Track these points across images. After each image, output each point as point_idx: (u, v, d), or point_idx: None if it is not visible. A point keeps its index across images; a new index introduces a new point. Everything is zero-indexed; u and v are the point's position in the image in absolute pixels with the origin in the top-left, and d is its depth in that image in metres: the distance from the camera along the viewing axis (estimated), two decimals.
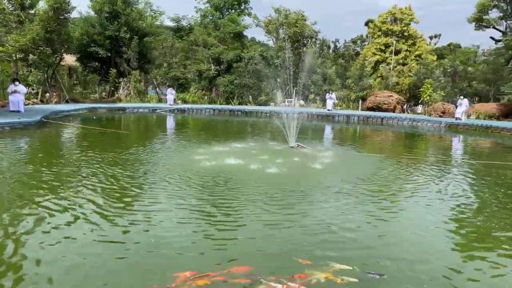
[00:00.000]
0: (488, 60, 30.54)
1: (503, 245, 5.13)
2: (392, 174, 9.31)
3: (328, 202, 6.72)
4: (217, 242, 4.87)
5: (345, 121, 25.50)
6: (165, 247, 4.64)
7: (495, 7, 28.22)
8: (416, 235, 5.38)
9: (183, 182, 7.62)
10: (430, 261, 4.52)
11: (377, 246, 4.94)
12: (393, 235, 5.39)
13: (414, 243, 5.10)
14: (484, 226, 5.90)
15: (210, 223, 5.51)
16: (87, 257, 4.28)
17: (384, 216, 6.17)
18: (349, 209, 6.38)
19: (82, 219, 5.44)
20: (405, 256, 4.64)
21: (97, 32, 28.75)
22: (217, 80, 32.01)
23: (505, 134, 19.59)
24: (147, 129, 19.32)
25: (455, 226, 5.88)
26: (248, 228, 5.44)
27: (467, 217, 6.31)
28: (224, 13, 43.89)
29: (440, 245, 5.05)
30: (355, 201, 6.85)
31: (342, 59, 38.97)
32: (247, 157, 10.00)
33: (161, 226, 5.31)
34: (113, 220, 5.47)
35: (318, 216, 5.97)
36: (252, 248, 4.73)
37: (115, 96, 29.76)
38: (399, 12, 37.14)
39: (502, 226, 5.89)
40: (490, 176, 9.73)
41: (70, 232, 4.95)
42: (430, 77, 29.44)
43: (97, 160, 9.31)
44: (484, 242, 5.31)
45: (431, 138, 18.94)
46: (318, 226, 5.53)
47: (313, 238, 5.08)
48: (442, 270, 4.27)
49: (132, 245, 4.66)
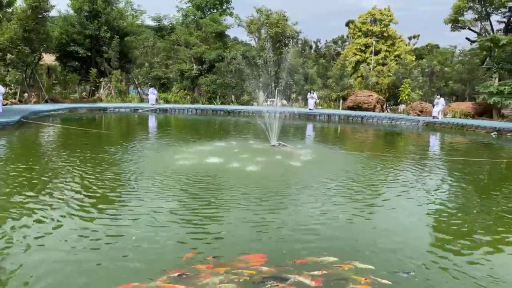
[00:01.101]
0: (463, 61, 31.45)
1: (478, 231, 5.45)
2: (372, 170, 9.61)
3: (308, 199, 6.93)
4: (199, 238, 5.02)
5: (326, 120, 25.88)
6: (148, 243, 4.76)
7: (470, 9, 29.07)
8: (400, 227, 5.70)
9: (164, 180, 7.71)
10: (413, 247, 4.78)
11: (359, 239, 5.17)
12: (375, 229, 5.64)
13: (398, 234, 5.39)
14: (460, 216, 6.22)
15: (190, 222, 5.63)
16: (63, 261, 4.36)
17: (366, 210, 6.45)
18: (327, 205, 6.61)
19: (57, 220, 5.50)
20: (390, 246, 4.89)
21: (76, 31, 28.36)
22: (199, 79, 31.98)
23: (480, 132, 20.28)
24: (128, 129, 19.23)
25: (435, 218, 6.18)
26: (232, 225, 5.60)
27: (445, 209, 6.63)
28: (206, 12, 43.84)
29: (422, 234, 5.33)
30: (333, 197, 7.08)
31: (324, 59, 39.41)
32: (229, 156, 10.15)
33: (141, 225, 5.40)
34: (92, 220, 5.54)
35: (301, 213, 6.17)
36: (236, 247, 4.90)
37: (96, 96, 29.43)
38: (378, 13, 37.82)
39: (476, 216, 6.22)
40: (465, 171, 10.15)
41: (43, 235, 4.98)
42: (409, 77, 30.12)
43: (77, 160, 9.30)
44: (461, 231, 5.62)
45: (409, 136, 19.46)
46: (301, 223, 5.73)
47: (296, 235, 5.27)
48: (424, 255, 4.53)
49: (106, 245, 4.76)
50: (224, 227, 5.44)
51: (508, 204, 7.04)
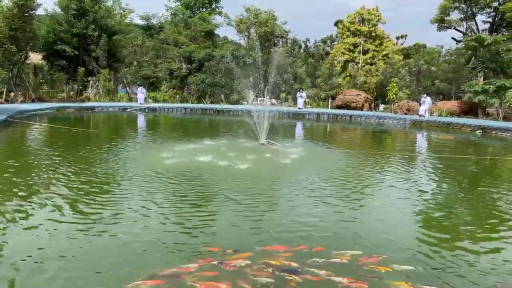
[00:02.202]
0: (449, 60, 31.94)
1: (460, 222, 5.62)
2: (360, 167, 9.77)
3: (296, 196, 7.04)
4: (190, 236, 5.08)
5: (316, 119, 26.07)
6: (137, 242, 4.82)
7: (456, 9, 29.51)
8: (387, 220, 5.86)
9: (153, 179, 7.74)
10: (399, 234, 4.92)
11: (345, 234, 5.30)
12: (363, 223, 5.77)
13: (385, 225, 5.50)
14: (445, 210, 6.39)
15: (181, 219, 5.69)
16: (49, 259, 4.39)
17: (353, 206, 6.57)
18: (316, 202, 6.72)
19: (47, 217, 5.51)
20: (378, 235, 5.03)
21: (64, 30, 28.05)
22: (188, 79, 31.90)
23: (465, 130, 20.65)
24: (117, 128, 19.14)
25: (420, 211, 6.34)
26: (220, 223, 5.68)
27: (431, 204, 6.79)
28: (195, 11, 43.67)
29: (408, 226, 5.49)
30: (322, 194, 7.20)
31: (312, 59, 39.69)
32: (218, 154, 10.21)
33: (132, 223, 5.45)
34: (82, 219, 5.57)
35: (290, 209, 6.28)
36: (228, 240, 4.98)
37: (84, 95, 29.15)
38: (366, 13, 38.19)
39: (460, 210, 6.40)
40: (451, 168, 10.39)
41: (31, 232, 5.00)
42: (396, 76, 30.48)
43: (65, 159, 9.28)
44: (445, 221, 5.78)
45: (397, 135, 19.73)
46: (288, 218, 5.84)
47: (283, 228, 5.37)
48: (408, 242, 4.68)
49: (95, 245, 4.80)
50: (219, 223, 5.52)
51: (491, 195, 7.25)
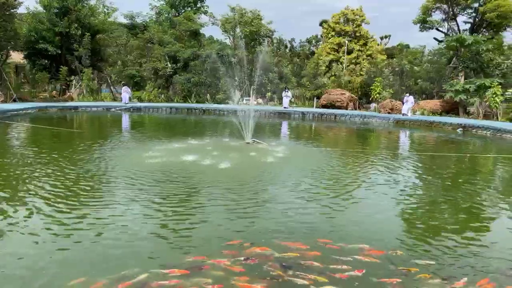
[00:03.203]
0: (431, 60, 32.53)
1: (443, 216, 5.78)
2: (344, 166, 9.91)
3: (283, 194, 7.11)
4: (177, 236, 5.10)
5: (301, 118, 26.25)
6: (124, 241, 4.82)
7: (437, 9, 30.07)
8: (371, 217, 5.98)
9: (137, 179, 7.70)
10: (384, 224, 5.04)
11: (331, 229, 5.39)
12: (348, 219, 5.88)
13: (371, 222, 5.63)
14: (428, 205, 6.56)
15: (165, 219, 5.68)
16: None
17: (341, 203, 6.67)
18: (305, 199, 6.81)
19: (25, 222, 5.46)
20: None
21: (46, 29, 27.63)
22: (174, 78, 31.76)
23: (447, 128, 21.07)
24: (101, 128, 18.95)
25: (403, 208, 6.48)
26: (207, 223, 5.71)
27: (413, 201, 6.95)
28: (180, 10, 43.40)
29: (391, 221, 5.62)
30: (309, 192, 7.28)
31: (298, 58, 39.94)
32: (204, 153, 10.20)
33: (116, 223, 5.43)
34: (64, 221, 5.53)
35: (277, 207, 6.34)
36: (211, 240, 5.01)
37: (67, 95, 28.76)
38: (351, 13, 38.57)
39: (442, 204, 6.57)
40: (433, 165, 10.61)
41: (11, 233, 4.95)
42: (380, 75, 30.89)
43: (48, 159, 9.17)
44: (427, 215, 5.93)
45: (380, 133, 20.02)
46: (278, 215, 5.90)
47: (283, 225, 5.44)
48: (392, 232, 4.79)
49: (77, 244, 4.79)
50: (202, 224, 5.55)
51: (470, 190, 7.46)
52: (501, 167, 11.22)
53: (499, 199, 7.31)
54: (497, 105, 23.01)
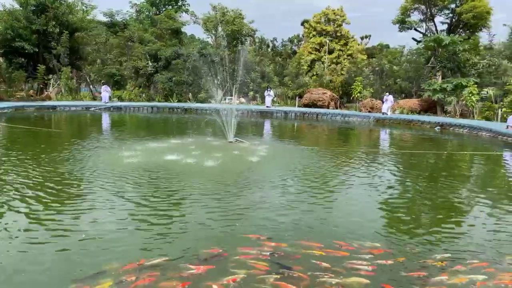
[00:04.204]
0: (410, 60, 33.15)
1: (421, 208, 5.93)
2: (326, 163, 10.02)
3: (265, 192, 7.15)
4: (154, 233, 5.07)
5: (283, 117, 26.36)
6: (105, 239, 4.76)
7: (416, 10, 30.69)
8: (353, 212, 6.08)
9: (118, 179, 7.61)
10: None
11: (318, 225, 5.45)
12: (332, 213, 5.96)
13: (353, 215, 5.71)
14: (404, 199, 6.70)
15: (147, 217, 5.65)
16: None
17: (324, 199, 6.76)
18: (289, 196, 6.86)
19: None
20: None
21: (22, 27, 26.94)
22: (155, 77, 31.43)
23: (425, 127, 21.52)
24: (80, 127, 18.60)
25: (383, 202, 6.61)
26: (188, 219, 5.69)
27: (392, 196, 7.09)
28: (160, 9, 43.02)
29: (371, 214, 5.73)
30: (291, 188, 7.34)
31: (280, 58, 40.09)
32: (186, 153, 10.16)
33: (98, 221, 5.37)
34: (44, 221, 5.44)
35: (261, 205, 6.37)
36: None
37: (45, 94, 28.12)
38: (331, 13, 38.97)
39: (420, 200, 6.73)
40: (411, 161, 10.85)
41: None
42: (360, 75, 31.30)
43: (25, 160, 8.96)
44: (405, 209, 6.07)
45: (361, 132, 20.31)
46: (260, 215, 5.93)
47: (263, 221, 5.46)
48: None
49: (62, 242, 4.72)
50: (186, 223, 5.53)
51: (446, 186, 7.66)
52: (476, 163, 11.57)
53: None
54: (473, 104, 23.64)
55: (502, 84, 24.51)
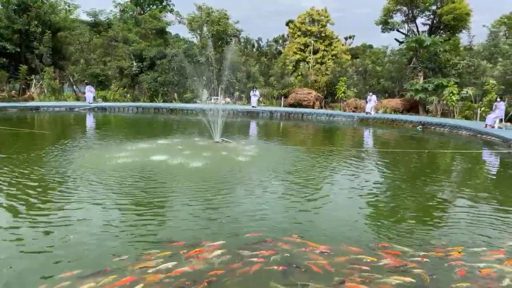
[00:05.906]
0: (393, 60, 33.73)
1: (405, 202, 6.16)
2: (311, 163, 10.22)
3: (252, 192, 7.29)
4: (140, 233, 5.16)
5: (269, 117, 26.55)
6: (94, 239, 4.83)
7: (398, 11, 31.27)
8: (339, 209, 6.24)
9: (104, 180, 7.61)
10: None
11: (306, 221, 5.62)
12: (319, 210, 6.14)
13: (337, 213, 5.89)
14: (388, 195, 6.93)
15: (133, 219, 5.71)
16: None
17: (309, 197, 6.93)
18: (273, 197, 7.01)
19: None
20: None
21: (4, 26, 26.51)
22: (140, 77, 31.25)
23: (408, 126, 21.99)
24: (64, 128, 18.41)
25: (367, 200, 6.83)
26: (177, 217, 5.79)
27: (377, 193, 7.31)
28: (145, 8, 42.73)
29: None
30: (278, 188, 7.50)
31: (265, 58, 40.29)
32: (172, 153, 10.21)
33: (84, 223, 5.42)
34: (30, 222, 5.47)
35: (248, 204, 6.50)
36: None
37: (27, 95, 27.69)
38: (316, 14, 39.33)
39: (404, 196, 6.97)
40: (394, 160, 11.13)
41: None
42: (345, 75, 31.71)
43: (7, 161, 8.89)
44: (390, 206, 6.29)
45: (345, 131, 20.63)
46: (248, 212, 6.07)
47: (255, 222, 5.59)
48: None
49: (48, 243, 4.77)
50: (174, 221, 5.63)
51: (427, 183, 7.94)
52: (457, 161, 11.95)
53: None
54: (454, 103, 24.24)
55: (481, 84, 25.16)
